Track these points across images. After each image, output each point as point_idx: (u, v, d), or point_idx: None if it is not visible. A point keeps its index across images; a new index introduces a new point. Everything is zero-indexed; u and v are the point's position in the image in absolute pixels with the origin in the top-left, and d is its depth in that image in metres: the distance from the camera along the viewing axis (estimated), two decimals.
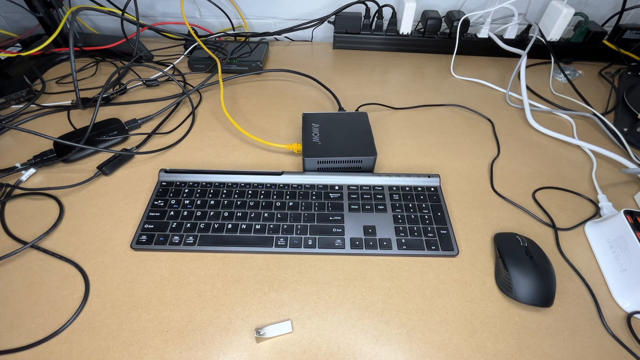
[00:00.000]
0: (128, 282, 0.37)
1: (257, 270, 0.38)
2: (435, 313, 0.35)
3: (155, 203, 0.43)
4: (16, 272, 0.37)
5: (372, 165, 0.47)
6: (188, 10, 0.82)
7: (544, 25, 0.76)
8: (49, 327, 0.33)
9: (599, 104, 0.65)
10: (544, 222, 0.44)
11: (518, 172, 0.51)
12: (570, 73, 0.72)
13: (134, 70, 0.70)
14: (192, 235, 0.40)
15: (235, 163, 0.51)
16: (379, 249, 0.39)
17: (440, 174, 0.47)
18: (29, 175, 0.47)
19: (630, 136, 0.56)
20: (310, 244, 0.40)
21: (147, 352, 0.32)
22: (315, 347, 0.32)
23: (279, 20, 0.85)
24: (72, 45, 0.51)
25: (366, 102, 0.63)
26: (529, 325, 0.34)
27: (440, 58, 0.77)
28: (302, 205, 0.43)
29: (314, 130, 0.49)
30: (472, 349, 0.33)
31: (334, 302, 0.36)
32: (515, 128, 0.59)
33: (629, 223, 0.37)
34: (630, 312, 0.35)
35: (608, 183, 0.49)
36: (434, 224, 0.42)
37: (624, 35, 0.73)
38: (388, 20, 0.76)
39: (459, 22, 0.73)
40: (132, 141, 0.54)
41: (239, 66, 0.69)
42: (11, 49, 0.72)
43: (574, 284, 0.38)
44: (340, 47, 0.81)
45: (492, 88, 0.68)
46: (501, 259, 0.38)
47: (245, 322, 0.34)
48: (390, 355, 0.32)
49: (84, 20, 0.83)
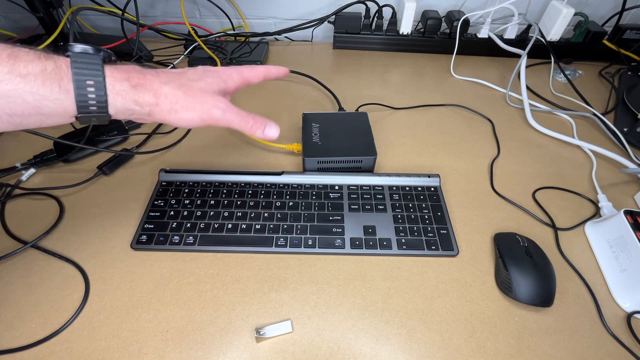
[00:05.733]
0: (128, 282, 0.37)
1: (257, 270, 0.38)
2: (435, 313, 0.35)
3: (156, 203, 0.43)
4: (16, 272, 0.37)
5: (372, 165, 0.47)
6: (188, 10, 0.82)
7: (544, 25, 0.76)
8: (49, 327, 0.33)
9: (599, 104, 0.65)
10: (544, 222, 0.44)
11: (518, 172, 0.51)
12: (570, 73, 0.72)
13: None
14: (192, 235, 0.40)
15: (235, 163, 0.51)
16: (379, 249, 0.39)
17: (440, 174, 0.47)
18: (29, 175, 0.47)
19: (630, 136, 0.56)
20: (310, 243, 0.40)
21: (147, 352, 0.32)
22: (315, 347, 0.32)
23: (279, 20, 0.85)
24: None
25: (366, 102, 0.63)
26: (529, 325, 0.34)
27: (440, 58, 0.77)
28: (302, 205, 0.43)
29: (314, 130, 0.49)
30: (472, 349, 0.33)
31: (334, 302, 0.36)
32: (515, 128, 0.59)
33: (629, 223, 0.37)
34: (630, 312, 0.35)
35: (608, 183, 0.49)
36: (434, 224, 0.42)
37: (624, 35, 0.73)
38: (388, 20, 0.76)
39: (459, 22, 0.73)
40: (132, 141, 0.54)
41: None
42: None
43: (574, 284, 0.38)
44: (340, 47, 0.81)
45: (492, 88, 0.68)
46: (501, 259, 0.38)
47: (245, 322, 0.34)
48: (390, 355, 0.32)
49: (84, 20, 0.83)
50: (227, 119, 0.30)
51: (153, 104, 0.28)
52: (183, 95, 0.29)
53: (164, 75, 0.29)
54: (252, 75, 0.35)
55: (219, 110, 0.30)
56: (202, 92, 0.30)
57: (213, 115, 0.30)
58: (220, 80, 0.32)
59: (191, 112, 0.29)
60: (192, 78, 0.31)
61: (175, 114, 0.29)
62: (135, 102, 0.27)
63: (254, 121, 0.32)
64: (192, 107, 0.29)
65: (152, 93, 0.28)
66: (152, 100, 0.28)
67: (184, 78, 0.30)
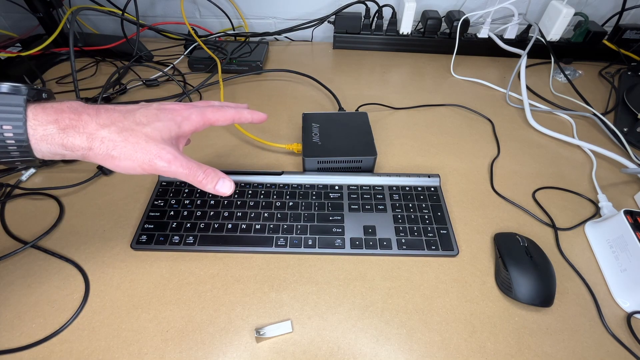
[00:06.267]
0: (128, 282, 0.37)
1: (257, 270, 0.38)
2: (435, 313, 0.35)
3: (155, 203, 0.43)
4: (16, 272, 0.37)
5: (372, 165, 0.47)
6: (188, 10, 0.82)
7: (544, 25, 0.76)
8: (49, 327, 0.33)
9: (599, 104, 0.65)
10: (544, 222, 0.44)
11: (518, 172, 0.51)
12: (570, 73, 0.72)
13: (134, 70, 0.70)
14: (192, 235, 0.40)
15: (235, 163, 0.51)
16: (379, 248, 0.39)
17: (440, 174, 0.47)
18: (29, 175, 0.47)
19: (630, 136, 0.55)
20: (310, 243, 0.40)
21: (147, 352, 0.32)
22: (315, 347, 0.32)
23: (279, 20, 0.85)
24: (72, 45, 0.51)
25: (366, 102, 0.63)
26: (529, 325, 0.34)
27: (440, 58, 0.77)
28: (302, 205, 0.43)
29: (314, 130, 0.49)
30: (472, 349, 0.33)
31: (334, 302, 0.36)
32: (515, 128, 0.59)
33: (629, 223, 0.37)
34: (630, 312, 0.35)
35: (608, 183, 0.49)
36: (434, 224, 0.42)
37: (624, 35, 0.73)
38: (388, 20, 0.76)
39: (459, 22, 0.73)
40: None
41: (239, 66, 0.69)
42: (11, 49, 0.72)
43: (574, 284, 0.38)
44: (340, 47, 0.81)
45: (492, 88, 0.68)
46: (501, 259, 0.38)
47: (245, 322, 0.34)
48: (390, 355, 0.32)
49: (84, 20, 0.83)
50: (172, 172, 0.28)
51: (86, 149, 0.25)
52: (122, 141, 0.26)
53: (105, 116, 0.27)
54: (216, 118, 0.32)
55: (163, 162, 0.27)
56: (146, 139, 0.27)
57: (156, 166, 0.27)
58: (173, 124, 0.29)
59: (130, 160, 0.26)
60: (139, 120, 0.28)
61: (112, 160, 0.26)
62: (64, 147, 0.25)
63: (205, 175, 0.29)
64: (132, 155, 0.26)
65: (86, 136, 0.25)
66: (85, 144, 0.25)
67: (129, 120, 0.27)
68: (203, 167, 0.30)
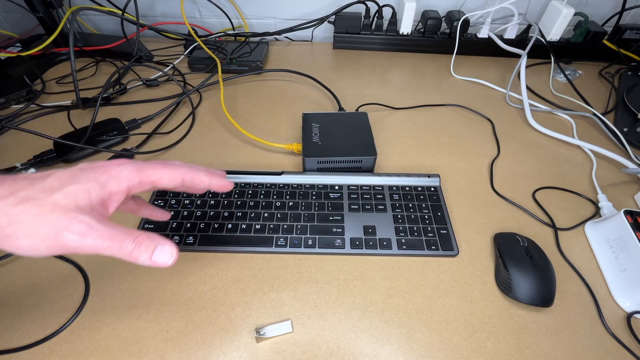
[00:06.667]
0: (128, 282, 0.37)
1: (257, 270, 0.38)
2: (435, 313, 0.35)
3: (155, 203, 0.43)
4: (16, 272, 0.37)
5: (372, 165, 0.47)
6: (188, 10, 0.82)
7: (544, 25, 0.76)
8: (49, 327, 0.33)
9: (599, 104, 0.65)
10: (544, 222, 0.44)
11: (518, 172, 0.51)
12: (570, 73, 0.72)
13: (134, 70, 0.70)
14: (192, 235, 0.40)
15: (235, 163, 0.51)
16: (379, 249, 0.39)
17: (440, 174, 0.47)
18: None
19: (630, 136, 0.55)
20: (310, 243, 0.40)
21: (147, 352, 0.32)
22: (315, 347, 0.32)
23: (279, 20, 0.85)
24: (72, 45, 0.51)
25: (366, 102, 0.63)
26: (529, 325, 0.34)
27: (440, 58, 0.77)
28: (302, 205, 0.43)
29: (314, 130, 0.49)
30: (472, 349, 0.33)
31: (334, 302, 0.36)
32: (515, 128, 0.59)
33: (629, 223, 0.37)
34: (630, 312, 0.35)
35: (608, 183, 0.49)
36: (434, 224, 0.42)
37: (624, 35, 0.73)
38: (388, 20, 0.76)
39: (459, 22, 0.73)
40: (132, 141, 0.54)
41: (239, 66, 0.69)
42: (11, 49, 0.72)
43: (574, 284, 0.38)
44: (340, 47, 0.81)
45: (492, 88, 0.68)
46: (501, 259, 0.38)
47: (245, 322, 0.34)
48: (390, 355, 0.32)
49: (84, 20, 0.83)
50: (89, 246, 0.22)
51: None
52: (20, 214, 0.20)
53: (6, 186, 0.21)
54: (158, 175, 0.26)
55: (74, 235, 0.21)
56: (52, 209, 0.21)
57: (64, 242, 0.21)
58: (95, 185, 0.23)
59: (29, 238, 0.21)
60: (48, 186, 0.22)
61: (9, 240, 0.20)
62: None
63: (135, 244, 0.23)
64: (32, 231, 0.21)
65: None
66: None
67: (35, 187, 0.22)
68: (133, 234, 0.23)
